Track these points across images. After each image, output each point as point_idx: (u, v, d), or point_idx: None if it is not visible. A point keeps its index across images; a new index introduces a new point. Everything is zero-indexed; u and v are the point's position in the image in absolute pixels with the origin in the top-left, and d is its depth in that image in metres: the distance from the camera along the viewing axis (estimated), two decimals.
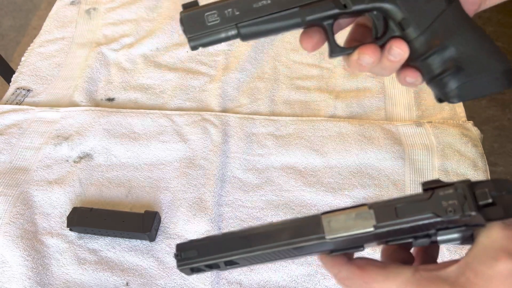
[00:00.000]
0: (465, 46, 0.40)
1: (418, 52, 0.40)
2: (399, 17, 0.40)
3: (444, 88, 0.41)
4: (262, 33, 0.40)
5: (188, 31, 0.40)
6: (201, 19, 0.39)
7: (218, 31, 0.39)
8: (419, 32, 0.40)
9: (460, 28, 0.39)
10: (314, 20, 0.40)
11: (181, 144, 0.77)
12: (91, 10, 1.03)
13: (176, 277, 0.63)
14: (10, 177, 0.73)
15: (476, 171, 0.72)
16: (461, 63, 0.39)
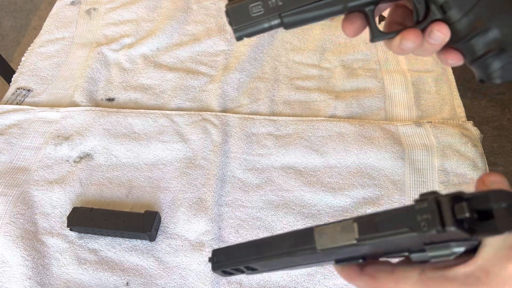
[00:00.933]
0: (509, 27, 0.39)
1: (460, 35, 0.40)
2: (440, 1, 0.39)
3: (487, 69, 0.41)
4: (305, 21, 0.40)
5: (234, 23, 0.41)
6: (246, 10, 0.40)
7: (262, 22, 0.40)
8: (462, 14, 0.39)
9: (504, 8, 0.39)
10: (356, 6, 0.40)
11: (181, 144, 0.77)
12: (91, 10, 1.03)
13: (176, 277, 0.63)
14: (11, 177, 0.73)
15: (476, 171, 0.72)
16: (505, 44, 0.39)
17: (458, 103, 0.83)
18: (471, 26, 0.40)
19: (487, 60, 0.41)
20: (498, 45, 0.40)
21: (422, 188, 0.70)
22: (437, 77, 0.87)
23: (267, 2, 0.40)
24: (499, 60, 0.40)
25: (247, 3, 0.40)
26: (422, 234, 0.29)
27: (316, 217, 0.68)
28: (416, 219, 0.30)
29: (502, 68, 0.40)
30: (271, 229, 0.67)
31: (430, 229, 0.29)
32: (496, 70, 0.41)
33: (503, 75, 0.41)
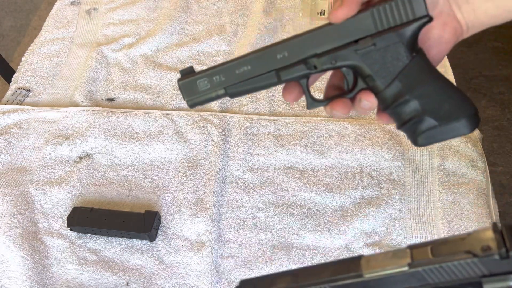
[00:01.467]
0: (428, 98, 0.44)
1: (386, 103, 0.45)
2: (366, 73, 0.44)
3: (412, 133, 0.46)
4: (246, 91, 0.46)
5: (185, 96, 0.47)
6: (195, 85, 0.46)
7: (209, 93, 0.46)
8: (385, 86, 0.44)
9: (423, 81, 0.43)
10: (289, 80, 0.46)
11: (181, 144, 0.77)
12: (92, 10, 1.03)
13: (176, 277, 0.63)
14: (11, 177, 0.73)
15: (476, 171, 0.72)
16: (425, 112, 0.44)
17: None
18: (394, 96, 0.44)
19: (412, 126, 0.45)
20: (419, 114, 0.44)
21: (422, 188, 0.70)
22: None
23: (212, 78, 0.45)
24: (422, 126, 0.44)
25: (195, 79, 0.46)
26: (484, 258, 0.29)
27: (316, 217, 0.68)
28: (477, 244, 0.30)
29: (424, 133, 0.45)
30: (271, 229, 0.67)
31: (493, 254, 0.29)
32: (419, 135, 0.45)
33: (425, 140, 0.45)
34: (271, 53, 0.45)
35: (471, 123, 0.44)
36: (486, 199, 0.69)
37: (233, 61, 0.46)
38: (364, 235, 0.66)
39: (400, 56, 0.43)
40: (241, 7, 1.02)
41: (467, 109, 0.44)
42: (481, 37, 1.90)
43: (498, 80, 1.80)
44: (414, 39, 0.43)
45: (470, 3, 0.46)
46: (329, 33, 0.44)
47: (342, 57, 0.44)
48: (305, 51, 0.45)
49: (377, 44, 0.43)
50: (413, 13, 0.42)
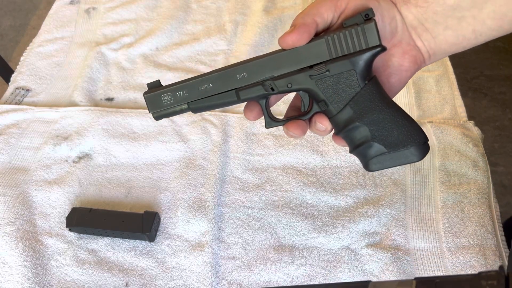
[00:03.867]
0: (378, 125, 0.46)
1: (339, 127, 0.47)
2: (320, 98, 0.46)
3: (363, 158, 0.48)
4: (208, 107, 0.49)
5: (150, 108, 0.49)
6: (159, 99, 0.48)
7: (173, 107, 0.48)
8: (338, 111, 0.46)
9: (373, 109, 0.45)
10: (248, 99, 0.48)
11: (180, 144, 0.77)
12: (91, 9, 1.03)
13: (175, 278, 0.63)
14: (9, 177, 0.73)
15: (477, 171, 0.72)
16: (375, 139, 0.46)
17: (459, 102, 0.82)
18: (345, 122, 0.46)
19: (362, 151, 0.47)
20: (369, 139, 0.46)
21: (423, 188, 0.70)
22: (438, 77, 0.86)
23: (176, 93, 0.48)
24: (372, 152, 0.46)
25: (159, 93, 0.48)
26: None
27: (316, 217, 0.68)
28: (480, 283, 0.31)
29: (373, 159, 0.47)
30: (271, 230, 0.67)
31: None
32: (369, 160, 0.47)
33: (375, 166, 0.47)
34: (232, 73, 0.47)
35: (420, 151, 0.46)
36: (487, 199, 0.69)
37: (196, 78, 0.48)
38: (364, 235, 0.65)
39: (352, 83, 0.45)
40: (241, 6, 1.02)
41: (416, 138, 0.46)
42: None
43: (499, 80, 1.80)
44: (367, 67, 0.45)
45: (430, 31, 0.48)
46: (286, 58, 0.46)
47: (297, 81, 0.46)
48: (262, 74, 0.47)
49: (331, 70, 0.45)
50: (366, 42, 0.44)
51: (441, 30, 0.48)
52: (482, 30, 0.47)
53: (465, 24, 0.47)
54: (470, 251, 0.63)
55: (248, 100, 0.48)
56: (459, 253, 0.63)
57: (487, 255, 0.63)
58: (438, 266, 0.63)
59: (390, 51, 0.48)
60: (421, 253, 0.64)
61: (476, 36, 0.47)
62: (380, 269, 0.62)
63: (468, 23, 0.47)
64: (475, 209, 0.67)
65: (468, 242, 0.64)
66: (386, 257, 0.63)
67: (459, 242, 0.64)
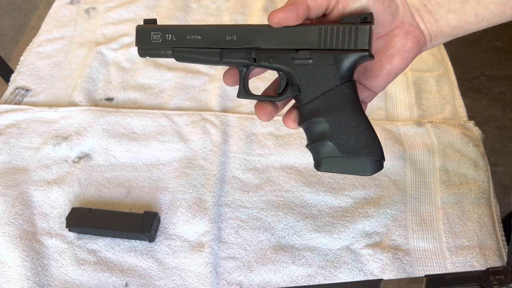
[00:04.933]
0: (340, 126, 0.45)
1: (304, 116, 0.47)
2: (295, 83, 0.46)
3: (316, 155, 0.47)
4: (190, 59, 0.49)
5: (137, 43, 0.50)
6: (148, 36, 0.49)
7: (158, 48, 0.49)
8: (307, 101, 0.46)
9: (340, 110, 0.45)
10: (229, 63, 0.48)
11: (180, 144, 0.77)
12: (90, 9, 1.03)
13: (175, 278, 0.63)
14: (9, 177, 0.73)
15: (477, 171, 0.71)
16: (332, 138, 0.45)
17: (459, 102, 0.82)
18: (310, 113, 0.46)
19: (316, 147, 0.47)
20: (326, 137, 0.46)
21: (423, 188, 0.70)
22: (438, 77, 0.86)
23: (165, 35, 0.48)
24: (325, 151, 0.46)
25: (150, 30, 0.49)
26: None
27: (316, 217, 0.68)
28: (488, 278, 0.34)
29: (325, 159, 0.46)
30: (271, 230, 0.67)
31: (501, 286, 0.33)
32: (321, 159, 0.47)
33: (324, 166, 0.47)
34: (222, 32, 0.47)
35: (371, 167, 0.46)
36: (487, 199, 0.69)
37: (188, 27, 0.49)
38: (365, 235, 0.65)
39: (329, 78, 0.45)
40: (241, 6, 1.02)
41: (372, 152, 0.46)
42: (483, 36, 1.90)
43: (500, 80, 1.80)
44: (349, 68, 0.45)
45: (432, 14, 0.48)
46: (277, 34, 0.46)
47: (280, 59, 0.46)
48: (251, 42, 0.47)
49: (314, 59, 0.45)
50: (356, 43, 0.44)
51: (444, 13, 0.48)
52: (485, 14, 0.47)
53: (468, 8, 0.47)
54: (470, 251, 0.63)
55: (229, 64, 0.48)
56: (459, 253, 0.63)
57: (487, 255, 0.63)
58: (438, 266, 0.62)
59: (392, 32, 0.47)
60: (421, 253, 0.64)
61: (478, 21, 0.48)
62: (380, 269, 0.62)
63: (471, 7, 0.47)
64: (475, 209, 0.67)
65: (468, 242, 0.64)
66: (386, 257, 0.63)
67: (459, 242, 0.64)
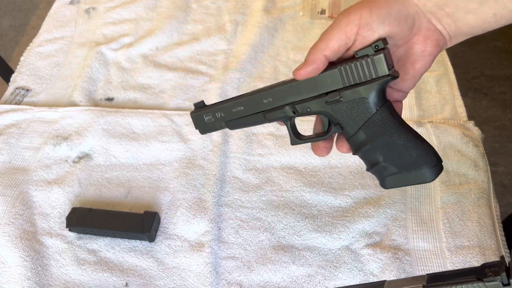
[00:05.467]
0: (388, 148, 0.49)
1: (355, 147, 0.51)
2: (336, 121, 0.51)
3: (379, 176, 0.51)
4: (241, 125, 0.56)
5: (196, 126, 0.59)
6: (202, 118, 0.57)
7: (214, 124, 0.57)
8: (352, 134, 0.50)
9: (384, 133, 0.49)
10: (273, 120, 0.54)
11: (180, 144, 0.77)
12: (91, 9, 1.03)
13: (175, 278, 0.63)
14: (9, 177, 0.73)
15: (477, 171, 0.71)
16: (386, 160, 0.49)
17: (459, 103, 0.82)
18: (359, 144, 0.51)
19: (377, 170, 0.51)
20: (381, 161, 0.50)
21: (423, 188, 0.70)
22: (438, 77, 0.86)
23: (215, 114, 0.56)
24: (384, 172, 0.50)
25: (202, 114, 0.57)
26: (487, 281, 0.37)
27: (316, 217, 0.68)
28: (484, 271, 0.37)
29: (387, 178, 0.50)
30: (271, 230, 0.67)
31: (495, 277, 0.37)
32: (383, 179, 0.51)
33: (389, 185, 0.51)
34: (259, 98, 0.54)
35: (431, 173, 0.49)
36: (487, 199, 0.69)
37: (231, 101, 0.56)
38: (365, 235, 0.65)
39: (364, 110, 0.49)
40: (241, 6, 1.02)
41: (427, 160, 0.48)
42: (483, 36, 1.89)
43: (500, 80, 1.80)
44: (378, 94, 0.48)
45: (450, 16, 0.48)
46: (304, 86, 0.50)
47: (315, 106, 0.51)
48: (285, 99, 0.52)
49: (344, 97, 0.49)
50: (376, 72, 0.47)
51: (462, 14, 0.48)
52: (503, 13, 0.47)
53: (487, 8, 0.47)
54: (470, 251, 0.63)
55: (274, 121, 0.55)
56: (459, 253, 0.63)
57: (487, 255, 0.63)
58: (438, 266, 0.62)
59: (411, 40, 0.49)
60: (421, 253, 0.64)
61: (497, 20, 0.48)
62: (380, 269, 0.62)
63: (490, 7, 0.47)
64: (475, 209, 0.67)
65: (468, 242, 0.64)
66: (386, 257, 0.63)
67: (459, 242, 0.64)
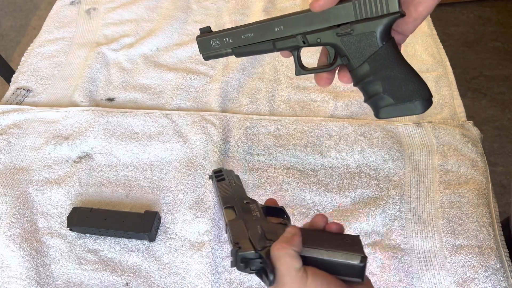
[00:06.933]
0: (389, 80, 0.52)
1: (357, 79, 0.54)
2: (343, 53, 0.53)
3: (375, 107, 0.54)
4: (248, 53, 0.57)
5: (201, 50, 0.58)
6: (209, 43, 0.57)
7: (220, 50, 0.57)
8: (357, 65, 0.53)
9: (387, 66, 0.52)
10: (282, 49, 0.56)
11: (181, 144, 0.77)
12: (91, 10, 1.03)
13: (176, 277, 0.63)
14: (10, 177, 0.73)
15: (476, 171, 0.72)
16: (385, 91, 0.53)
17: (458, 103, 0.83)
18: (362, 76, 0.53)
19: (374, 101, 0.54)
20: (380, 92, 0.53)
21: (422, 188, 0.70)
22: (437, 77, 0.87)
23: (223, 39, 0.56)
24: (381, 103, 0.53)
25: (209, 38, 0.57)
26: None
27: None
28: None
29: (382, 108, 0.53)
30: None
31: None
32: (379, 109, 0.54)
33: (384, 114, 0.54)
34: (271, 25, 0.55)
35: (423, 105, 0.52)
36: (486, 199, 0.69)
37: (240, 28, 0.56)
38: (364, 235, 0.66)
39: (372, 43, 0.52)
40: (241, 7, 1.02)
41: (421, 94, 0.52)
42: (482, 37, 1.90)
43: (499, 80, 1.80)
44: (386, 30, 0.51)
45: None
46: (318, 16, 0.53)
47: (325, 37, 0.53)
48: (297, 28, 0.54)
49: (355, 30, 0.52)
50: (388, 8, 0.50)
51: None
52: None
53: None
54: (469, 250, 0.63)
55: (283, 50, 0.56)
56: (459, 253, 0.63)
57: (486, 254, 0.63)
58: (437, 265, 0.63)
59: None
60: (421, 253, 0.64)
61: None
62: (379, 269, 0.62)
63: None
64: (474, 208, 0.67)
65: (467, 241, 0.64)
66: (385, 256, 0.63)
67: (459, 242, 0.64)
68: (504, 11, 2.05)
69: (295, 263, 0.42)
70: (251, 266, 0.47)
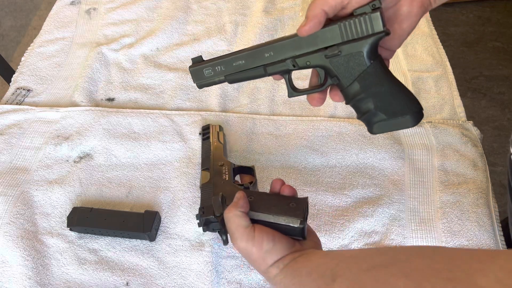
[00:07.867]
0: (380, 97, 0.54)
1: (348, 98, 0.56)
2: (333, 74, 0.55)
3: (368, 123, 0.56)
4: (241, 79, 0.58)
5: (194, 79, 0.60)
6: (201, 72, 0.59)
7: (213, 78, 0.59)
8: (347, 85, 0.55)
9: (377, 84, 0.53)
10: (273, 73, 0.57)
11: (181, 144, 0.77)
12: (91, 10, 1.03)
13: (176, 277, 0.63)
14: (10, 177, 0.73)
15: (476, 171, 0.72)
16: (377, 108, 0.54)
17: (458, 103, 0.83)
18: (353, 94, 0.55)
19: (367, 118, 0.55)
20: (372, 108, 0.54)
21: (422, 188, 0.70)
22: (437, 77, 0.87)
23: (215, 68, 0.58)
24: (374, 119, 0.55)
25: (202, 68, 0.59)
26: None
27: (316, 216, 0.68)
28: None
29: (375, 124, 0.55)
30: None
31: None
32: (373, 125, 0.55)
33: (377, 130, 0.55)
34: (261, 52, 0.56)
35: (414, 119, 0.54)
36: (486, 199, 0.69)
37: (231, 56, 0.57)
38: (363, 235, 0.66)
39: (360, 62, 0.53)
40: (241, 7, 1.02)
41: (411, 108, 0.54)
42: (482, 37, 1.90)
43: (498, 80, 1.80)
44: (373, 49, 0.52)
45: None
46: (305, 40, 0.54)
47: (314, 59, 0.55)
48: (286, 53, 0.55)
49: (342, 51, 0.53)
50: (372, 28, 0.51)
51: None
52: None
53: None
54: None
55: (274, 74, 0.57)
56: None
57: None
58: None
59: (399, 2, 0.53)
60: None
61: None
62: None
63: None
64: (474, 208, 0.67)
65: (467, 241, 0.64)
66: None
67: (458, 242, 0.64)
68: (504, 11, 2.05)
69: (242, 222, 0.50)
70: (213, 227, 0.58)
